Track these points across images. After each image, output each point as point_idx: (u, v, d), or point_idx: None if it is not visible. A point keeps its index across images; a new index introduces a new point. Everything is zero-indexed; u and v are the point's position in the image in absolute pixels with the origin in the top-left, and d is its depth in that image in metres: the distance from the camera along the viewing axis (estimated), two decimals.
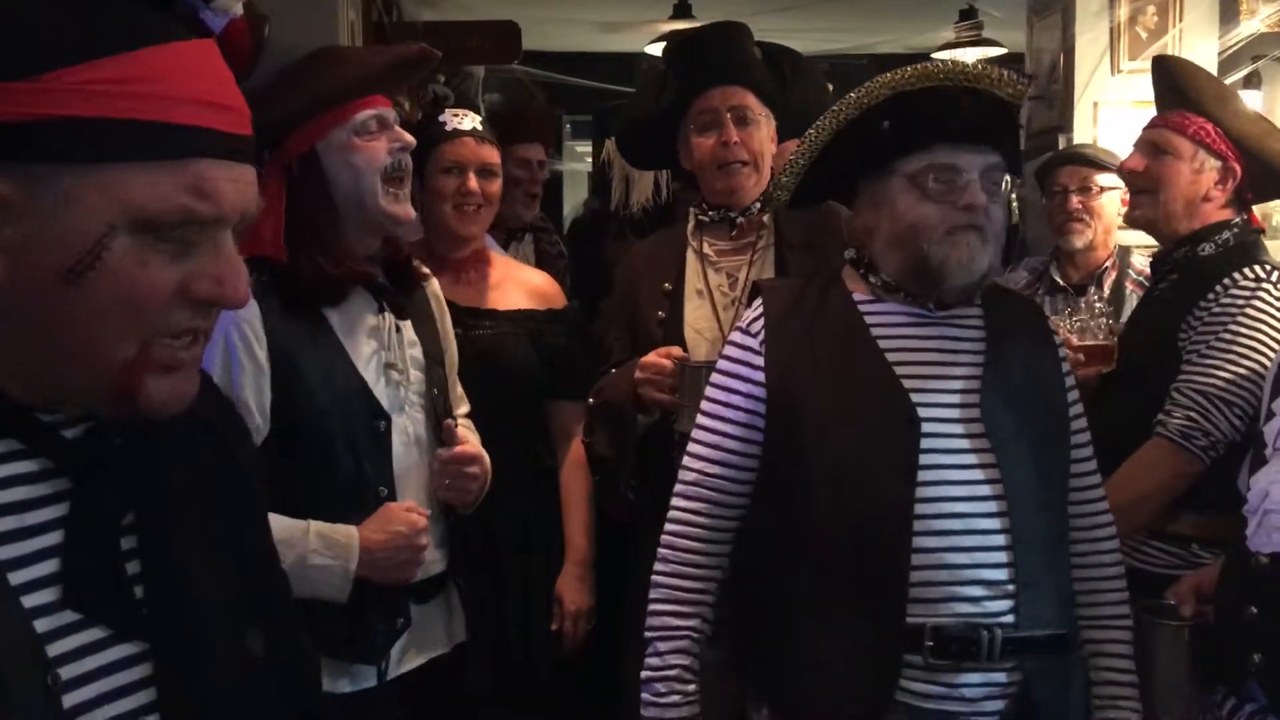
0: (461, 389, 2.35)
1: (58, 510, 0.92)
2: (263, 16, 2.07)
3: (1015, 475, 1.79)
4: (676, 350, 2.45)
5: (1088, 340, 2.84)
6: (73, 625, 0.91)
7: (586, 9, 6.60)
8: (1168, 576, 2.25)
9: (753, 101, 2.56)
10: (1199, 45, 3.99)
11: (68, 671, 0.89)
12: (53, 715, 0.87)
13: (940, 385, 1.83)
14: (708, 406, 1.92)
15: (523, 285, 2.78)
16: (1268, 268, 2.49)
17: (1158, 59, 2.83)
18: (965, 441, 1.80)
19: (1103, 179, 3.57)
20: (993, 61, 4.52)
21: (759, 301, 1.94)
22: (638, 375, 2.43)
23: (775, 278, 2.47)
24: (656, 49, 6.25)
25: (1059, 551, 1.88)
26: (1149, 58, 3.44)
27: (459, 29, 5.40)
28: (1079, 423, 1.95)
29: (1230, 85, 3.32)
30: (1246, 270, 2.47)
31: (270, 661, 1.06)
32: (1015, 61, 5.13)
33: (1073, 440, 1.93)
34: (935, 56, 5.40)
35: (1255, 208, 2.70)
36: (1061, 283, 3.61)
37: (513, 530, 2.65)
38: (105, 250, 0.87)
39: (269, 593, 1.12)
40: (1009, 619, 1.76)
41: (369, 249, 2.06)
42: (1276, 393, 1.85)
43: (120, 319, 0.90)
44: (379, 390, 2.02)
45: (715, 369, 1.95)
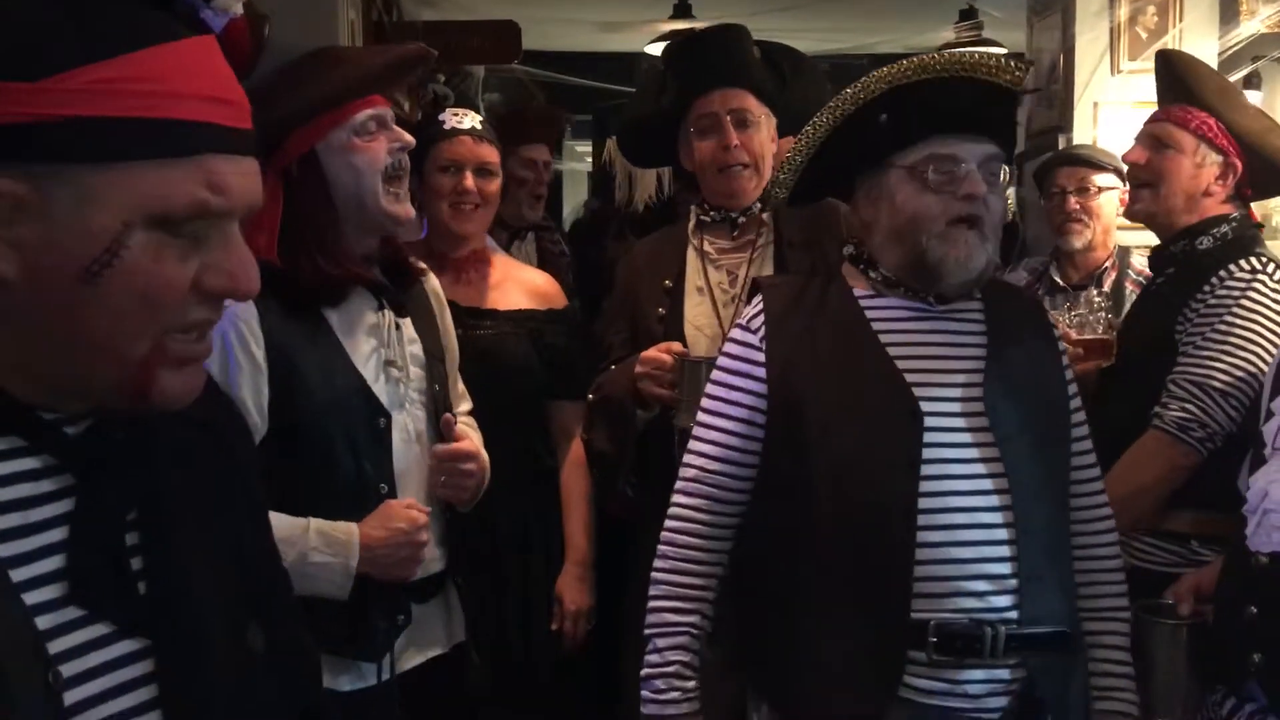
0: (463, 386, 2.35)
1: (60, 507, 0.92)
2: (263, 16, 2.07)
3: (1019, 469, 1.79)
4: (676, 345, 2.45)
5: (1087, 335, 2.85)
6: (75, 622, 0.91)
7: (586, 9, 6.60)
8: (1167, 575, 2.25)
9: (752, 103, 2.56)
10: (1199, 45, 3.99)
11: (69, 669, 0.89)
12: (53, 713, 0.87)
13: (942, 379, 1.83)
14: (708, 403, 1.91)
15: (523, 285, 2.78)
16: (1264, 259, 2.49)
17: (1161, 53, 2.83)
18: (968, 435, 1.80)
19: (1101, 179, 3.58)
20: None
21: (759, 298, 1.94)
22: (638, 370, 2.44)
23: (775, 275, 2.47)
24: (656, 49, 6.25)
25: (1062, 545, 1.87)
26: (1149, 58, 3.44)
27: (459, 29, 5.41)
28: (1078, 416, 1.95)
29: None
30: (1242, 262, 2.47)
31: (271, 659, 1.06)
32: None
33: (1072, 434, 1.93)
34: None
35: (1255, 207, 2.71)
36: (1061, 283, 3.62)
37: (513, 530, 2.65)
38: (122, 248, 0.88)
39: (269, 590, 1.13)
40: (1012, 614, 1.76)
41: (367, 249, 2.06)
42: (1276, 392, 1.85)
43: (136, 316, 0.90)
44: (379, 388, 2.01)
45: (716, 366, 1.94)
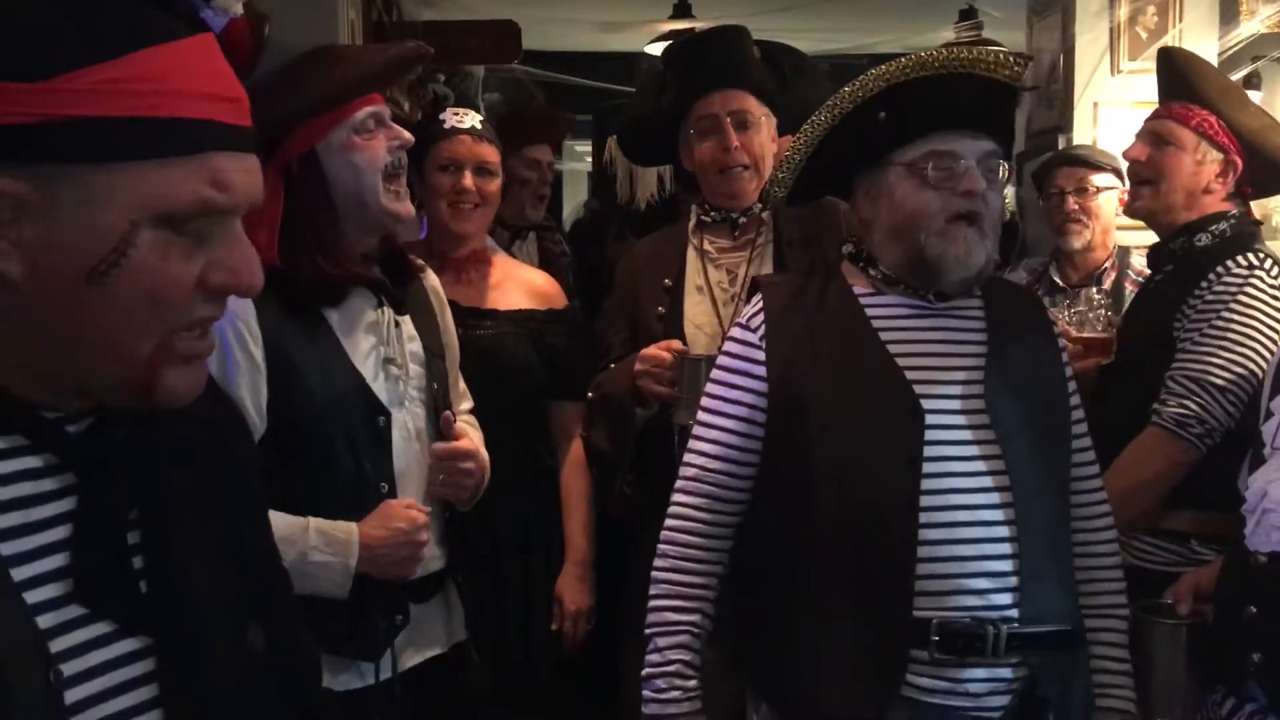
0: (465, 385, 2.35)
1: (61, 506, 0.93)
2: (263, 16, 2.07)
3: (1020, 466, 1.79)
4: (676, 343, 2.45)
5: (1086, 332, 2.85)
6: (76, 620, 0.91)
7: (586, 9, 6.60)
8: (1167, 574, 2.25)
9: (752, 104, 2.56)
10: (1199, 45, 3.99)
11: (70, 667, 0.89)
12: (54, 711, 0.87)
13: (943, 376, 1.83)
14: (708, 402, 1.91)
15: (523, 285, 2.78)
16: (1261, 255, 2.49)
17: (1163, 50, 2.84)
18: (969, 433, 1.80)
19: (1099, 179, 3.57)
20: None
21: (758, 297, 1.94)
22: (637, 368, 2.44)
23: (774, 273, 2.47)
24: (656, 49, 6.25)
25: (1063, 543, 1.87)
26: (1149, 58, 3.44)
27: (459, 29, 5.41)
28: (1077, 413, 1.95)
29: None
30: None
31: (271, 658, 1.06)
32: None
33: (1072, 431, 1.93)
34: None
35: (1255, 207, 2.71)
36: (1061, 283, 3.62)
37: (513, 530, 2.65)
38: (129, 247, 0.88)
39: (269, 590, 1.13)
40: (1014, 612, 1.76)
41: (367, 248, 2.06)
42: (1275, 392, 1.85)
43: (143, 314, 0.91)
44: (378, 386, 2.01)
45: (716, 365, 1.94)
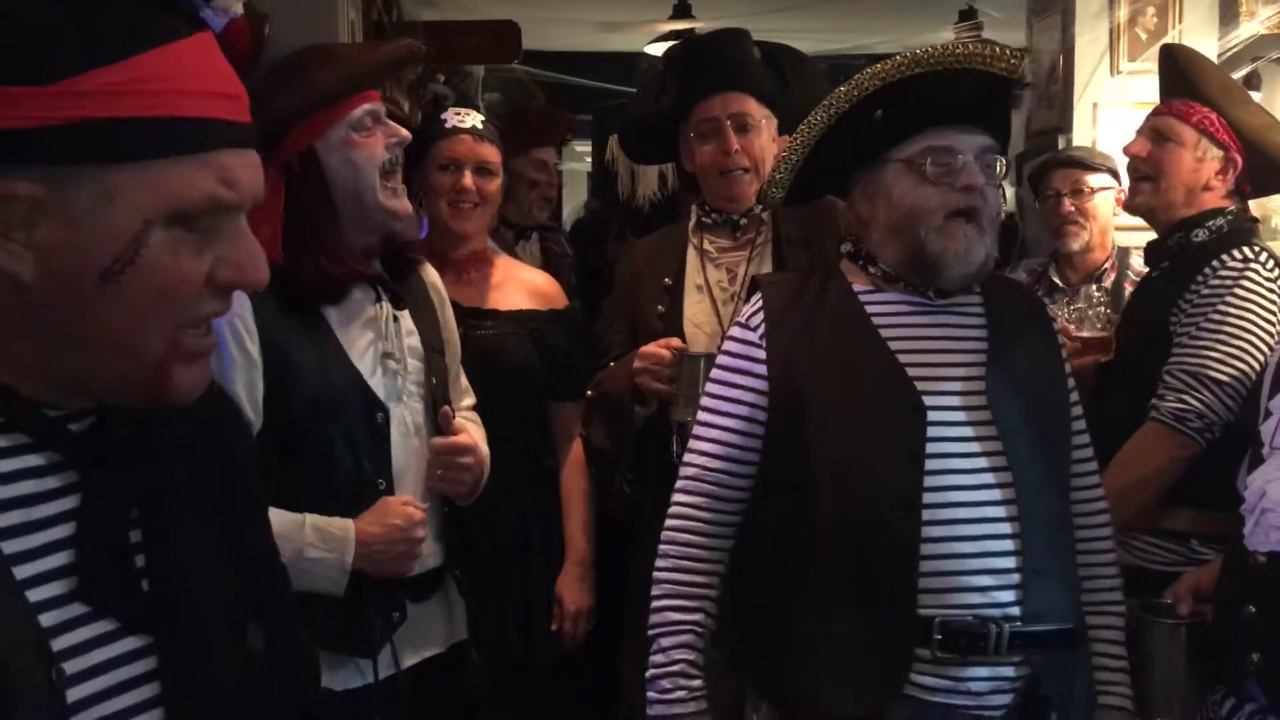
0: (467, 381, 2.35)
1: (63, 504, 0.93)
2: (263, 16, 2.08)
3: (1022, 462, 1.79)
4: (675, 341, 2.45)
5: (1085, 330, 2.85)
6: (78, 619, 0.91)
7: (586, 9, 6.61)
8: (1167, 574, 2.25)
9: (753, 107, 2.56)
10: (1198, 46, 3.95)
11: (72, 666, 0.89)
12: (56, 710, 0.87)
13: (944, 373, 1.83)
14: (708, 402, 1.91)
15: (524, 285, 2.78)
16: (1256, 249, 2.50)
17: (1165, 47, 2.84)
18: (970, 429, 1.80)
19: (1095, 180, 3.57)
20: None
21: (758, 296, 1.94)
22: (636, 365, 2.44)
23: (773, 272, 2.47)
24: (656, 49, 6.26)
25: (1064, 539, 1.87)
26: (1149, 59, 3.45)
27: (459, 29, 5.42)
28: (1076, 410, 1.95)
29: None
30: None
31: (271, 657, 1.06)
32: None
33: (1072, 427, 1.93)
34: None
35: (1256, 209, 2.71)
36: (1061, 284, 3.62)
37: (513, 530, 2.65)
38: (143, 246, 0.89)
39: (269, 588, 1.13)
40: (1016, 610, 1.76)
41: (367, 244, 2.06)
42: (1274, 391, 1.85)
43: (155, 313, 0.92)
44: (376, 380, 2.01)
45: (716, 364, 1.94)
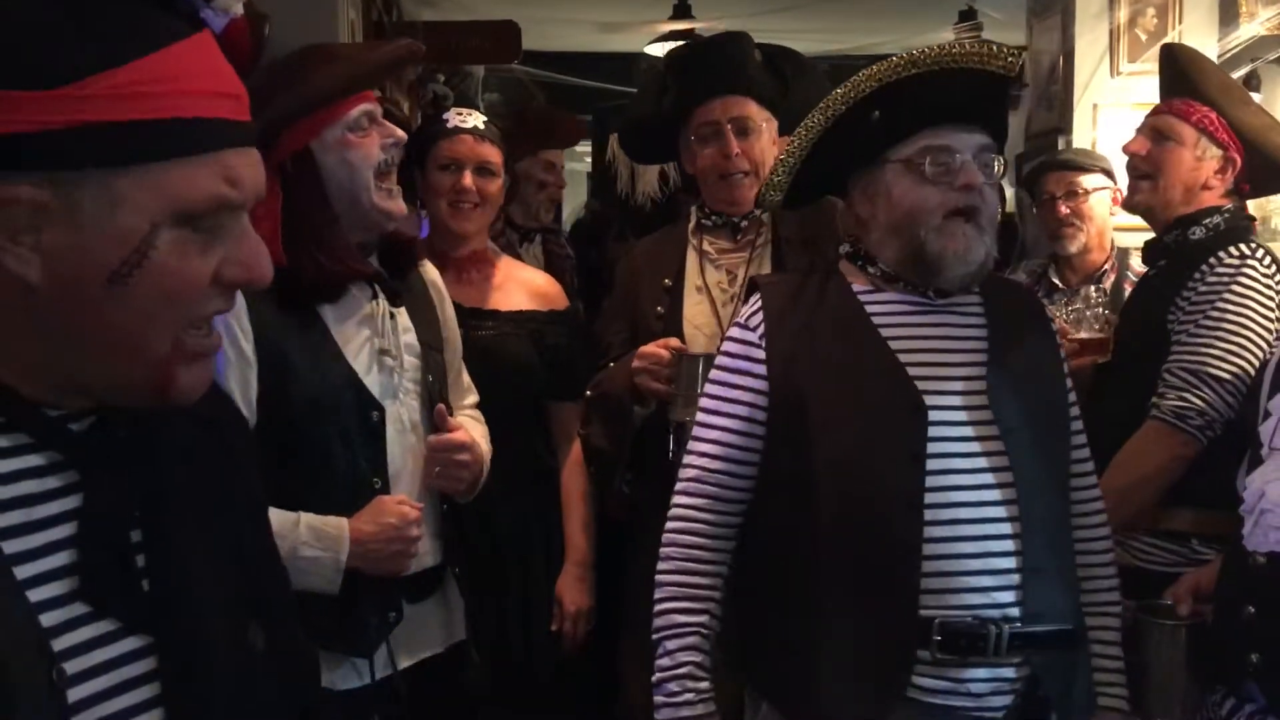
0: (469, 378, 2.35)
1: (63, 504, 0.93)
2: (263, 16, 2.07)
3: (1023, 462, 1.79)
4: (674, 341, 2.45)
5: (1083, 330, 2.85)
6: (78, 619, 0.91)
7: (586, 9, 6.61)
8: (1168, 574, 2.25)
9: (753, 110, 2.56)
10: (1198, 47, 3.95)
11: (72, 666, 0.89)
12: (57, 710, 0.87)
13: (945, 372, 1.83)
14: (708, 403, 1.91)
15: (524, 286, 2.78)
16: (1252, 245, 2.50)
17: (1166, 47, 2.84)
18: (971, 429, 1.80)
19: (1088, 181, 3.57)
20: None
21: (757, 296, 1.94)
22: (635, 365, 2.44)
23: (772, 273, 2.47)
24: (656, 49, 6.26)
25: (1064, 539, 1.87)
26: (1149, 60, 3.45)
27: (459, 29, 5.43)
28: (1074, 410, 1.95)
29: None
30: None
31: (271, 657, 1.06)
32: None
33: (1070, 427, 1.93)
34: None
35: (1255, 210, 2.72)
36: (1060, 285, 3.62)
37: (513, 530, 2.65)
38: (151, 248, 0.90)
39: (269, 588, 1.13)
40: (1015, 610, 1.76)
41: (364, 242, 2.06)
42: (1273, 391, 1.85)
43: (162, 314, 0.92)
44: (371, 379, 2.01)
45: (715, 365, 1.94)
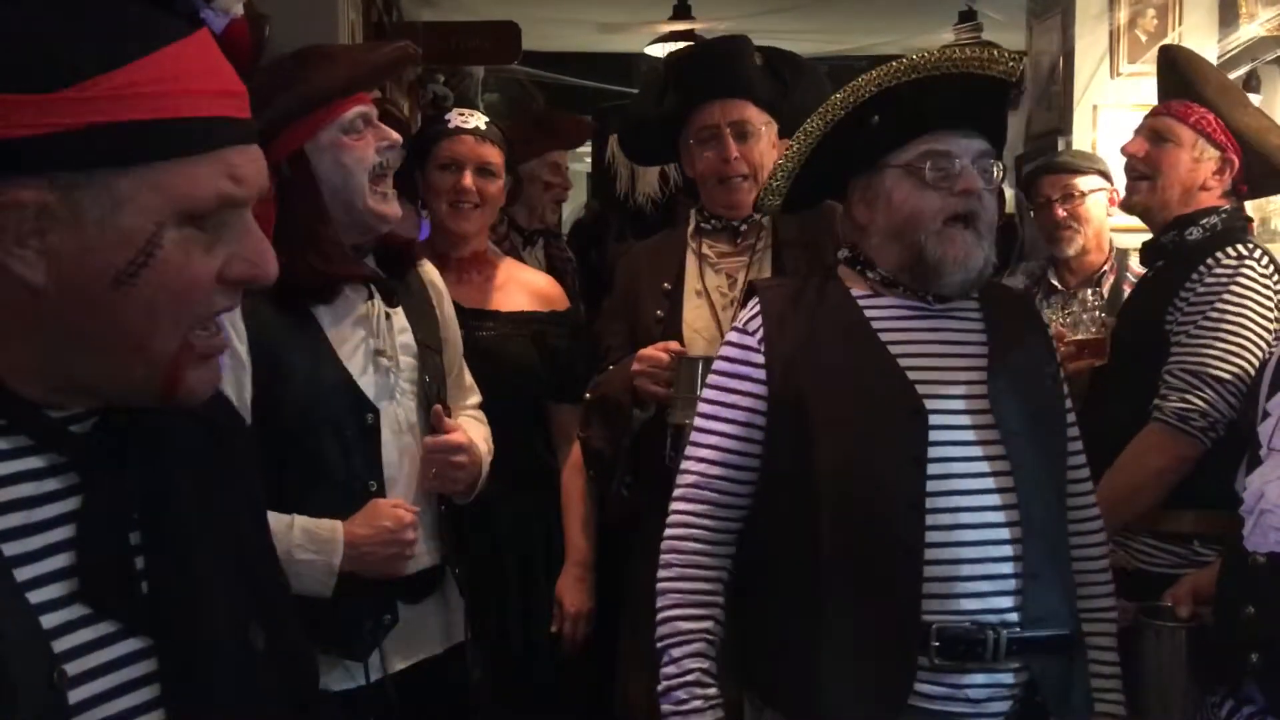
0: (471, 379, 2.34)
1: (64, 506, 0.93)
2: (263, 16, 2.07)
3: (1023, 466, 1.79)
4: (673, 344, 2.45)
5: (1080, 333, 2.86)
6: (79, 620, 0.91)
7: (586, 9, 6.61)
8: (1168, 577, 2.24)
9: (753, 113, 2.56)
10: (1198, 48, 3.97)
11: (73, 667, 0.89)
12: (57, 711, 0.87)
13: (945, 377, 1.83)
14: (706, 408, 1.90)
15: (525, 287, 2.78)
16: (1250, 246, 2.50)
17: (1164, 48, 2.85)
18: (971, 433, 1.80)
19: (1084, 183, 3.57)
20: None
21: (755, 301, 1.93)
22: (634, 368, 2.44)
23: (772, 277, 2.47)
24: (656, 49, 6.26)
25: (1061, 544, 1.88)
26: (1149, 60, 3.45)
27: (459, 29, 5.43)
28: (1070, 415, 1.95)
29: None
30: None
31: (271, 658, 1.06)
32: None
33: (1066, 433, 1.93)
34: None
35: (1254, 210, 2.72)
36: (1060, 287, 3.61)
37: (513, 531, 2.65)
38: (157, 248, 0.90)
39: (269, 590, 1.13)
40: (1014, 615, 1.76)
41: (360, 243, 2.06)
42: (1273, 391, 1.85)
43: (169, 314, 0.92)
44: (366, 381, 2.00)
45: (713, 370, 1.94)
